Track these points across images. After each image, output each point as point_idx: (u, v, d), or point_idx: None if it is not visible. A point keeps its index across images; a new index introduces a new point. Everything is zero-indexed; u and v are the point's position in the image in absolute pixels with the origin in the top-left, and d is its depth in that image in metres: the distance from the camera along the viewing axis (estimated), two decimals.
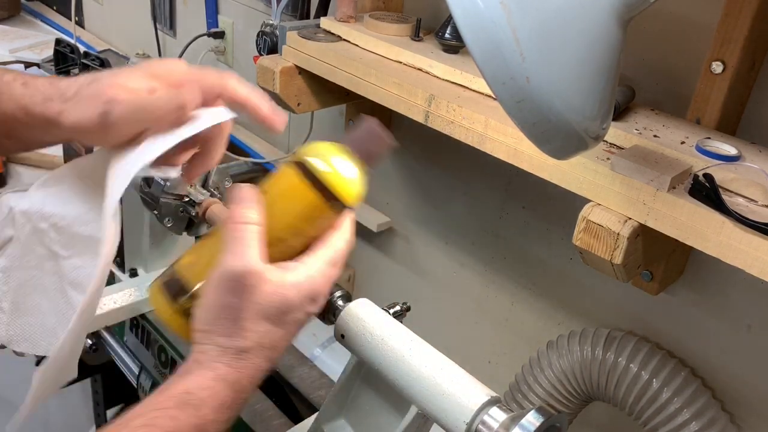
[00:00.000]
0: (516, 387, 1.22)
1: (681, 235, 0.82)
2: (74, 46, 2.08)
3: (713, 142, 0.89)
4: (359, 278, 1.73)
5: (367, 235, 1.64)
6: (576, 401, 1.17)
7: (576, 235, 0.89)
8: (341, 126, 1.55)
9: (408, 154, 1.50)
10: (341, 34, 1.26)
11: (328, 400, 0.82)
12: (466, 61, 1.13)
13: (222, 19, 1.92)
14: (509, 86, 0.57)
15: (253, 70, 1.55)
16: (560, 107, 0.59)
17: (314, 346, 1.59)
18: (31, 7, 2.78)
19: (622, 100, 0.97)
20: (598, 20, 0.59)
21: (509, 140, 0.96)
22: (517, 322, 1.39)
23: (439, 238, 1.49)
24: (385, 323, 0.78)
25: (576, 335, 1.16)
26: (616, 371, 1.09)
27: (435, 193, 1.47)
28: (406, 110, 1.09)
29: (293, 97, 1.30)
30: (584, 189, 0.90)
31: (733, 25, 0.88)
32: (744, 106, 0.96)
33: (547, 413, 0.65)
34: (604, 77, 0.62)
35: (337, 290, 0.82)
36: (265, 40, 1.49)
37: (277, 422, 0.99)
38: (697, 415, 1.03)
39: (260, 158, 1.80)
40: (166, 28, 2.18)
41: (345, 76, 1.18)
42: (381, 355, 0.75)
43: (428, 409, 0.71)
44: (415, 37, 1.22)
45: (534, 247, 1.31)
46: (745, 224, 0.76)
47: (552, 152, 0.67)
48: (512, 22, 0.54)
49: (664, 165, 0.84)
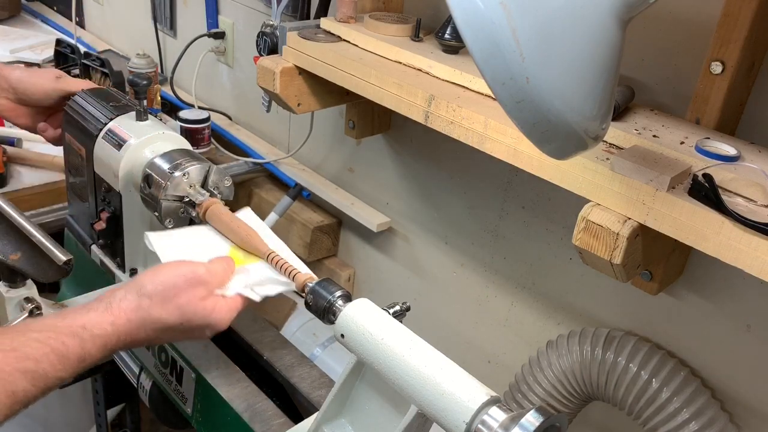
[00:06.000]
0: (516, 387, 1.22)
1: (680, 235, 0.82)
2: (75, 47, 2.08)
3: (713, 142, 0.89)
4: (359, 278, 1.73)
5: (367, 235, 1.64)
6: (576, 401, 1.17)
7: (576, 235, 0.89)
8: (341, 126, 1.55)
9: (408, 154, 1.50)
10: (341, 35, 1.27)
11: (328, 400, 0.82)
12: (466, 61, 1.13)
13: (222, 20, 1.92)
14: (509, 86, 0.57)
15: (253, 70, 1.56)
16: (560, 107, 0.59)
17: (314, 346, 1.59)
18: (32, 8, 2.78)
19: (621, 100, 0.97)
20: (598, 20, 0.59)
21: (509, 140, 0.96)
22: (517, 322, 1.39)
23: (439, 238, 1.49)
24: (385, 323, 0.78)
25: (576, 335, 1.17)
26: (616, 371, 1.09)
27: (435, 193, 1.47)
28: (406, 110, 1.09)
29: (293, 97, 1.31)
30: (584, 189, 0.90)
31: (732, 26, 0.88)
32: (743, 106, 0.96)
33: (546, 413, 0.65)
34: (604, 77, 0.62)
35: (337, 290, 0.82)
36: (265, 41, 1.49)
37: (277, 422, 0.99)
38: (697, 415, 1.03)
39: (260, 158, 1.80)
40: (167, 28, 2.18)
41: (345, 76, 1.18)
42: (381, 355, 0.75)
43: (428, 408, 0.71)
44: (415, 38, 1.23)
45: (534, 247, 1.31)
46: (745, 224, 0.76)
47: (552, 152, 0.67)
48: (512, 22, 0.54)
49: (663, 165, 0.84)
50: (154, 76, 1.94)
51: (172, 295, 0.82)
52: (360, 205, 1.62)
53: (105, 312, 0.79)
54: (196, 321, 0.84)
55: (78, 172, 1.19)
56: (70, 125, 1.16)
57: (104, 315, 0.79)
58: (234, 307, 0.87)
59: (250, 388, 1.04)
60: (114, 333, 0.78)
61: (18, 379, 0.70)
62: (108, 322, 0.78)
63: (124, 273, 1.16)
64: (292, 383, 1.06)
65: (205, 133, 1.78)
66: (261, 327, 1.16)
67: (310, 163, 1.76)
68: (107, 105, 1.13)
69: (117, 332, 0.79)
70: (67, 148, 1.19)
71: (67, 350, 0.74)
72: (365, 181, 1.63)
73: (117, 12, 2.47)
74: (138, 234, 1.14)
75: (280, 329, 1.67)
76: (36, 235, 1.20)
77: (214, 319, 0.85)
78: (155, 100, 1.95)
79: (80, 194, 1.21)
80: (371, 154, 1.59)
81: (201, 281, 0.84)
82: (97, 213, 1.15)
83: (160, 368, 1.14)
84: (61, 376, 0.74)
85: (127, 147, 1.06)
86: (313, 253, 1.69)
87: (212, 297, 0.85)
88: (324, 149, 1.71)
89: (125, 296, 0.81)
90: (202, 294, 0.84)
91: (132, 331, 0.80)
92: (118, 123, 1.10)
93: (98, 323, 0.78)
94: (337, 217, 1.72)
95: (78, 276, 1.23)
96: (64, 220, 1.32)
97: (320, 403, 0.90)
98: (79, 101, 1.15)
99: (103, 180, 1.12)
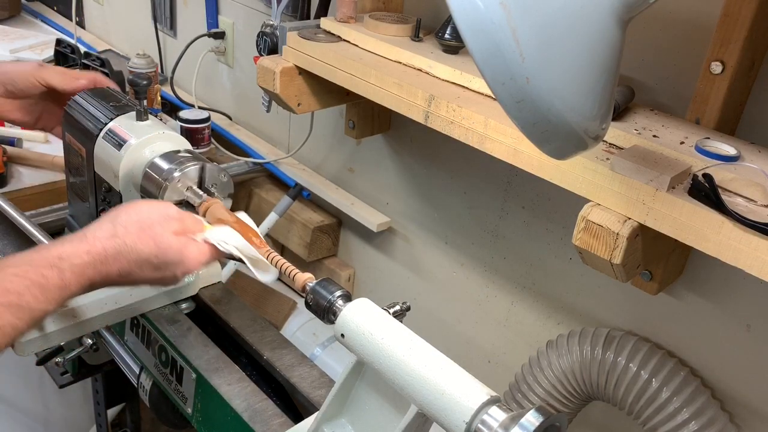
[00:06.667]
0: (516, 386, 1.22)
1: (680, 234, 0.82)
2: (75, 47, 2.08)
3: (712, 142, 0.89)
4: (359, 278, 1.73)
5: (367, 235, 1.64)
6: (576, 401, 1.17)
7: (576, 235, 0.89)
8: (341, 126, 1.55)
9: (408, 154, 1.50)
10: (341, 35, 1.27)
11: (328, 400, 0.82)
12: (466, 61, 1.13)
13: (222, 20, 1.92)
14: (509, 86, 0.57)
15: (253, 70, 1.56)
16: (560, 107, 0.59)
17: (314, 345, 1.59)
18: (32, 8, 2.78)
19: (621, 100, 0.97)
20: (598, 21, 0.59)
21: (509, 140, 0.96)
22: (517, 322, 1.39)
23: (439, 238, 1.49)
24: (385, 323, 0.78)
25: (576, 335, 1.17)
26: (616, 371, 1.09)
27: (435, 193, 1.47)
28: (406, 110, 1.09)
29: (293, 97, 1.31)
30: (584, 189, 0.90)
31: (732, 26, 0.88)
32: (743, 106, 0.96)
33: (546, 413, 0.65)
34: (604, 77, 0.62)
35: (337, 290, 0.82)
36: (265, 41, 1.49)
37: (277, 422, 0.99)
38: (697, 415, 1.03)
39: (260, 158, 1.80)
40: (167, 28, 2.18)
41: (345, 76, 1.18)
42: (381, 354, 0.75)
43: (428, 408, 0.71)
44: (415, 38, 1.23)
45: (534, 247, 1.31)
46: (745, 224, 0.76)
47: (552, 152, 0.67)
48: (512, 23, 0.54)
49: (663, 165, 0.84)
50: (154, 76, 1.94)
51: (146, 226, 0.83)
52: (360, 205, 1.63)
53: (80, 242, 0.80)
54: (171, 255, 0.84)
55: (78, 172, 1.19)
56: (70, 125, 1.16)
57: (80, 245, 0.79)
58: (204, 251, 0.88)
59: (250, 388, 1.04)
60: (90, 262, 0.79)
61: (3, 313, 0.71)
62: (84, 251, 0.79)
63: None
64: (292, 383, 1.06)
65: (205, 133, 1.79)
66: (261, 327, 1.16)
67: (310, 163, 1.76)
68: (107, 105, 1.13)
69: (93, 261, 0.79)
70: (67, 148, 1.19)
71: (47, 281, 0.75)
72: (365, 181, 1.63)
73: (117, 12, 2.47)
74: None
75: (280, 329, 1.67)
76: (36, 235, 1.20)
77: (186, 256, 0.86)
78: (155, 100, 1.96)
79: (80, 194, 1.21)
80: (371, 154, 1.59)
81: (175, 218, 0.87)
82: (97, 213, 1.15)
83: (160, 368, 1.14)
84: (45, 308, 0.75)
85: (128, 147, 1.06)
86: (313, 253, 1.70)
87: (185, 236, 0.87)
88: (324, 149, 1.71)
89: (100, 226, 0.82)
90: (176, 228, 0.86)
91: (108, 260, 0.80)
92: (118, 123, 1.10)
93: (74, 253, 0.78)
94: (337, 217, 1.72)
95: None
96: (64, 220, 1.32)
97: (320, 403, 0.90)
98: (79, 101, 1.15)
99: (103, 180, 1.12)
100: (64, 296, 0.77)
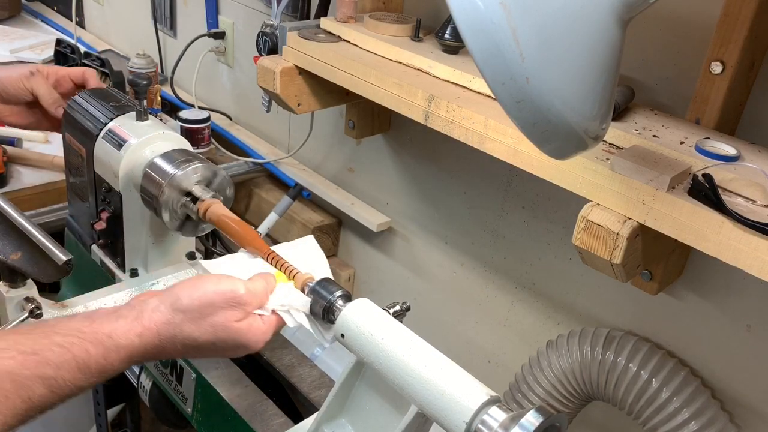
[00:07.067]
0: (516, 387, 1.22)
1: (680, 234, 0.82)
2: (75, 47, 2.08)
3: (712, 142, 0.89)
4: (359, 278, 1.73)
5: (367, 235, 1.64)
6: (575, 401, 1.17)
7: (575, 235, 0.89)
8: (341, 126, 1.55)
9: (408, 154, 1.50)
10: (341, 35, 1.27)
11: (328, 400, 0.82)
12: (466, 61, 1.13)
13: (222, 20, 1.92)
14: (509, 86, 0.57)
15: (253, 70, 1.56)
16: (560, 107, 0.59)
17: (314, 346, 1.59)
18: (32, 8, 2.78)
19: (621, 100, 0.97)
20: (598, 20, 0.59)
21: (509, 140, 0.96)
22: (517, 322, 1.39)
23: (439, 238, 1.49)
24: (385, 323, 0.78)
25: (576, 335, 1.17)
26: (616, 371, 1.09)
27: (435, 193, 1.47)
28: (406, 110, 1.09)
29: (293, 97, 1.31)
30: (584, 189, 0.90)
31: (732, 26, 0.88)
32: (743, 106, 0.96)
33: (546, 413, 0.65)
34: (604, 77, 0.62)
35: (337, 290, 0.82)
36: (265, 41, 1.49)
37: (277, 422, 0.99)
38: (697, 415, 1.03)
39: (260, 158, 1.80)
40: (167, 28, 2.18)
41: (345, 76, 1.18)
42: (381, 355, 0.75)
43: (428, 408, 0.71)
44: (415, 38, 1.23)
45: (534, 247, 1.31)
46: (745, 224, 0.76)
47: (552, 152, 0.67)
48: (512, 22, 0.54)
49: (663, 165, 0.84)
50: (154, 76, 1.93)
51: (207, 313, 0.77)
52: (360, 205, 1.63)
53: (134, 321, 0.75)
54: (230, 342, 0.79)
55: (78, 172, 1.19)
56: (70, 125, 1.16)
57: (133, 325, 0.75)
58: (269, 328, 0.82)
59: (250, 388, 1.04)
60: (141, 345, 0.75)
61: (36, 384, 0.67)
62: (135, 333, 0.74)
63: (124, 273, 1.16)
64: (292, 383, 1.07)
65: (205, 133, 1.78)
66: None
67: (310, 163, 1.76)
68: (107, 105, 1.13)
69: (144, 344, 0.75)
70: (67, 148, 1.19)
71: (89, 359, 0.71)
72: (365, 181, 1.63)
73: (117, 12, 2.47)
74: (138, 234, 1.14)
75: None
76: (36, 235, 1.20)
77: (248, 340, 0.80)
78: (155, 100, 1.95)
79: (80, 194, 1.21)
80: (371, 154, 1.59)
81: (239, 302, 0.79)
82: (97, 213, 1.15)
83: (160, 368, 1.14)
84: (81, 385, 0.71)
85: (128, 147, 1.06)
86: None
87: (248, 317, 0.81)
88: (324, 149, 1.71)
89: (158, 307, 0.77)
90: (239, 316, 0.79)
91: (160, 345, 0.76)
92: (118, 123, 1.10)
93: (125, 333, 0.74)
94: (337, 217, 1.72)
95: (78, 276, 1.23)
96: (64, 220, 1.32)
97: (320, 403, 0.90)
98: (79, 101, 1.15)
99: (103, 180, 1.12)
100: (104, 375, 0.73)
